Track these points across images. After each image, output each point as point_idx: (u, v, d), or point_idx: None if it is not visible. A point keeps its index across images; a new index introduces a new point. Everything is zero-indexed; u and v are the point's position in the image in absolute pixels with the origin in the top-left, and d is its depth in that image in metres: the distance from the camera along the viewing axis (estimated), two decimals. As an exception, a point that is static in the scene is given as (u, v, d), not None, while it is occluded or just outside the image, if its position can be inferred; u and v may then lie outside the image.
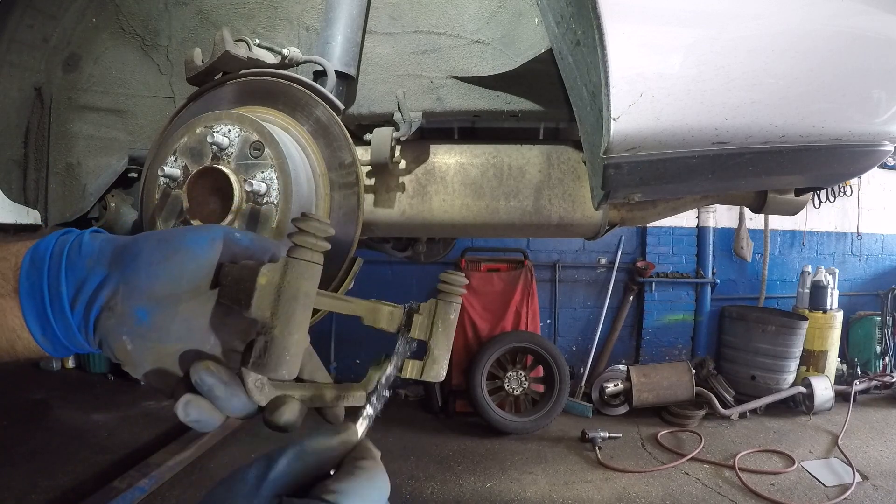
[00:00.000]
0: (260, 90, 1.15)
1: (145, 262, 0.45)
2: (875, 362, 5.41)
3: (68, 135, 1.42)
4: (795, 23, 0.96)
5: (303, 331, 0.44)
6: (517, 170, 1.46)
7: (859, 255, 5.83)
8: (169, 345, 0.45)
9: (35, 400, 4.30)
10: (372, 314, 0.52)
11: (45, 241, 0.46)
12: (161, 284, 0.44)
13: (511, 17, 1.32)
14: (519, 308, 4.62)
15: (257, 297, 0.43)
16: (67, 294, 0.44)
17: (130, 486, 2.90)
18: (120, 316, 0.44)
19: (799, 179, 1.37)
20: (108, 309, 0.44)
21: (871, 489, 3.33)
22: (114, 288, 0.44)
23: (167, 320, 0.44)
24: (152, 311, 0.44)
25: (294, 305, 0.43)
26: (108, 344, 0.45)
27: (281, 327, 0.42)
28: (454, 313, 0.52)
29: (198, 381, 0.43)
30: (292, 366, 0.43)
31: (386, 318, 0.52)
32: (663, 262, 5.30)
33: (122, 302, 0.44)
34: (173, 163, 1.02)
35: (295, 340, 0.43)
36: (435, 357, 0.51)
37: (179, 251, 0.45)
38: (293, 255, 0.43)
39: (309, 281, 0.44)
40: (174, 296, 0.44)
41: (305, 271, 0.44)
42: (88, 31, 1.41)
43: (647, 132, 0.93)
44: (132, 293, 0.44)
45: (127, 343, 0.44)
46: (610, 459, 3.71)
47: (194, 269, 0.45)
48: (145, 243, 0.46)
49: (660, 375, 4.28)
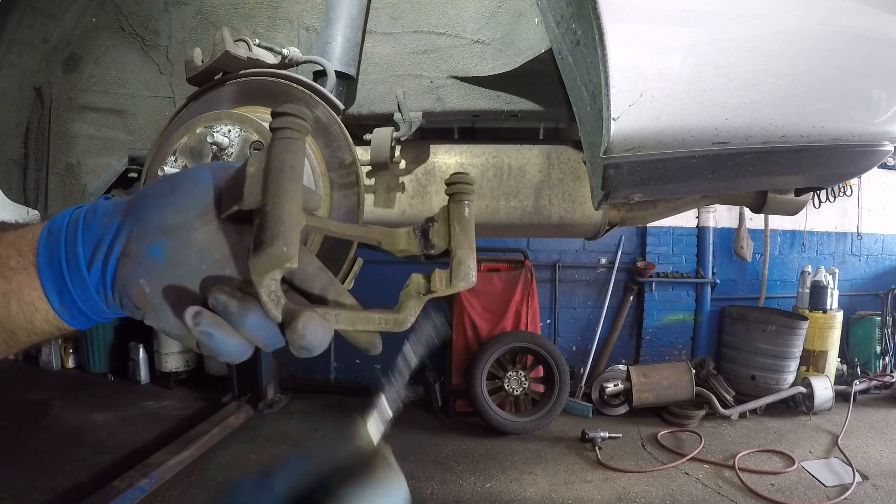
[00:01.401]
0: (260, 90, 1.15)
1: (154, 199, 0.45)
2: (875, 362, 5.40)
3: (68, 135, 1.42)
4: (795, 22, 0.96)
5: (294, 202, 0.42)
6: (517, 170, 1.46)
7: (859, 255, 5.83)
8: (187, 280, 0.44)
9: (35, 400, 4.30)
10: (389, 237, 0.50)
11: (60, 215, 0.47)
12: (170, 214, 0.44)
13: (511, 17, 1.32)
14: (519, 308, 4.62)
15: (248, 185, 0.43)
16: (84, 255, 0.44)
17: (130, 486, 2.90)
18: (135, 258, 0.43)
19: (799, 179, 1.37)
20: (124, 255, 0.44)
21: (871, 489, 3.33)
22: (128, 233, 0.44)
23: (181, 252, 0.44)
24: (165, 245, 0.43)
25: (281, 178, 0.42)
26: (127, 293, 0.44)
27: (272, 202, 0.41)
28: (468, 210, 0.49)
29: (212, 302, 0.42)
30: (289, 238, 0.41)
31: (404, 238, 0.50)
32: (663, 262, 5.30)
33: (136, 243, 0.44)
34: (173, 163, 1.02)
35: (287, 211, 0.41)
36: (460, 258, 0.48)
37: (185, 181, 0.46)
38: (275, 136, 0.44)
39: (293, 154, 0.43)
40: (185, 224, 0.44)
41: (288, 147, 0.43)
42: (88, 31, 1.41)
43: (647, 132, 0.93)
44: (144, 231, 0.44)
45: (145, 286, 0.43)
46: (610, 459, 3.71)
47: (200, 194, 0.45)
48: (153, 184, 0.47)
49: (660, 375, 4.28)
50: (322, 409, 4.49)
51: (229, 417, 4.07)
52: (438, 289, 0.47)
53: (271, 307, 0.42)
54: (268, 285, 0.41)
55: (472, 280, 0.47)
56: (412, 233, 0.50)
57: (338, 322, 0.45)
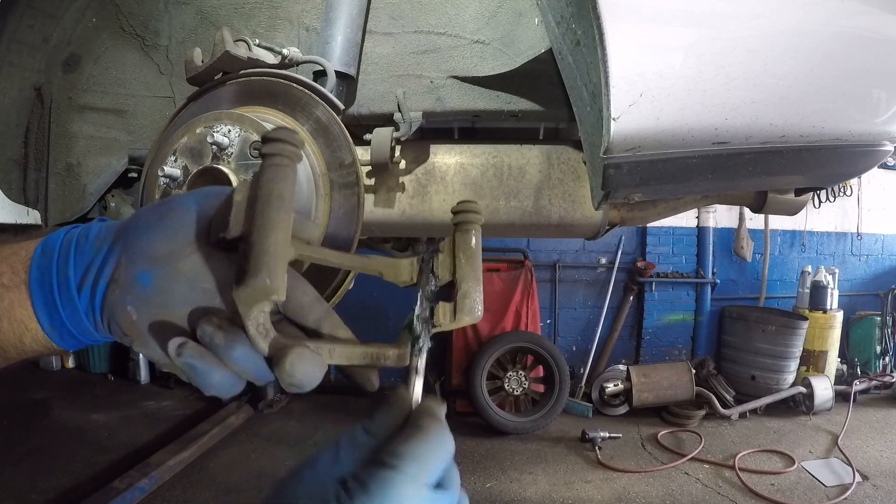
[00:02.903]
0: (260, 90, 1.15)
1: (143, 227, 0.45)
2: (875, 362, 5.40)
3: (68, 135, 1.42)
4: (795, 23, 0.96)
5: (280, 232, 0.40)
6: (517, 170, 1.46)
7: (859, 255, 5.83)
8: (174, 310, 0.43)
9: (35, 400, 4.30)
10: (391, 268, 0.48)
11: (55, 234, 0.46)
12: (158, 243, 0.44)
13: (511, 17, 1.32)
14: (519, 308, 4.62)
15: (233, 214, 0.41)
16: (75, 278, 0.44)
17: (130, 486, 2.90)
18: (123, 285, 0.43)
19: (799, 179, 1.37)
20: (113, 282, 0.44)
21: (871, 489, 3.33)
22: (117, 259, 0.44)
23: (169, 281, 0.43)
24: (154, 273, 0.43)
25: (267, 207, 0.40)
26: (115, 320, 0.44)
27: (256, 231, 0.40)
28: (475, 240, 0.47)
29: (200, 334, 0.41)
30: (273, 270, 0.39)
31: (406, 269, 0.48)
32: (663, 262, 5.30)
33: (125, 270, 0.43)
34: (173, 163, 1.02)
35: (272, 241, 0.40)
36: (465, 291, 0.45)
37: (174, 209, 0.45)
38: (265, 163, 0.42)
39: (281, 183, 0.42)
40: (173, 253, 0.43)
41: (277, 174, 0.42)
42: (88, 31, 1.41)
43: (647, 132, 0.93)
44: (133, 259, 0.43)
45: (132, 313, 0.43)
46: (610, 459, 3.71)
47: (188, 223, 0.45)
48: (143, 211, 0.47)
49: (660, 375, 4.28)
50: (322, 409, 4.49)
51: (229, 417, 4.07)
52: (442, 323, 0.45)
53: (259, 340, 0.40)
54: (255, 317, 0.40)
55: (478, 315, 0.45)
56: (415, 264, 0.48)
57: (332, 357, 0.43)
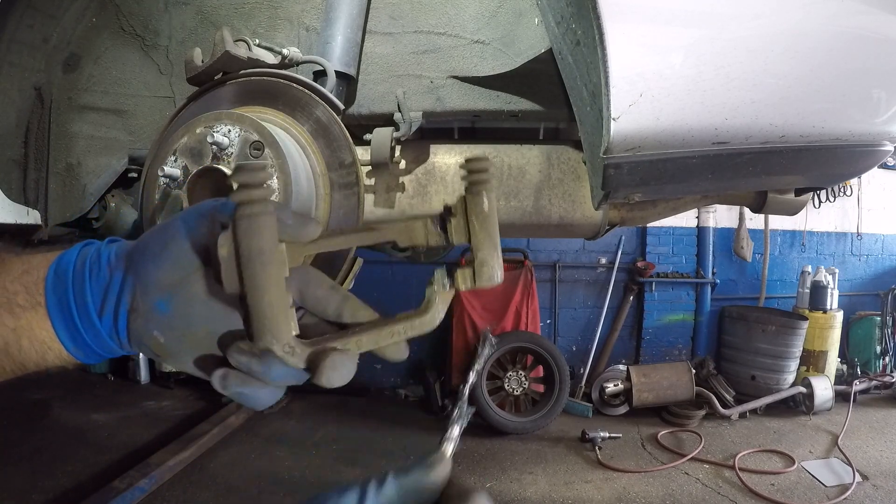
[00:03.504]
0: (260, 90, 1.15)
1: (151, 255, 0.45)
2: (875, 362, 5.40)
3: (68, 135, 1.42)
4: (795, 23, 0.96)
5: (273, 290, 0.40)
6: (517, 170, 1.46)
7: (859, 255, 5.83)
8: (198, 329, 0.45)
9: (35, 400, 4.30)
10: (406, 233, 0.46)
11: (67, 254, 0.47)
12: (167, 272, 0.44)
13: (511, 17, 1.32)
14: (519, 308, 4.62)
15: (224, 272, 0.41)
16: (94, 304, 0.45)
17: (130, 486, 2.90)
18: (144, 314, 0.44)
19: (799, 179, 1.37)
20: (133, 311, 0.45)
21: (871, 489, 3.33)
22: (132, 289, 0.45)
23: (186, 305, 0.44)
24: (170, 300, 0.44)
25: (253, 268, 0.40)
26: (145, 344, 0.46)
27: (250, 295, 0.40)
28: (487, 203, 0.44)
29: (234, 363, 0.43)
30: (276, 328, 0.40)
31: (422, 232, 0.46)
32: (663, 262, 5.30)
33: (142, 300, 0.45)
34: (173, 163, 1.02)
35: (267, 302, 0.40)
36: (482, 258, 0.44)
37: (174, 237, 0.45)
38: (236, 216, 0.41)
39: (258, 236, 0.40)
40: (183, 280, 0.44)
41: (251, 228, 0.40)
42: (88, 31, 1.41)
43: (647, 132, 0.93)
44: (147, 289, 0.44)
45: (159, 337, 0.45)
46: (610, 459, 3.71)
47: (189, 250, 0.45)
48: (149, 237, 0.47)
49: (660, 375, 4.28)
50: (322, 409, 4.49)
51: (229, 417, 4.07)
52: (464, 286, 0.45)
53: (290, 360, 0.41)
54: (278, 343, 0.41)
55: (498, 280, 0.45)
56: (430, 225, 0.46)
57: (360, 348, 0.44)
